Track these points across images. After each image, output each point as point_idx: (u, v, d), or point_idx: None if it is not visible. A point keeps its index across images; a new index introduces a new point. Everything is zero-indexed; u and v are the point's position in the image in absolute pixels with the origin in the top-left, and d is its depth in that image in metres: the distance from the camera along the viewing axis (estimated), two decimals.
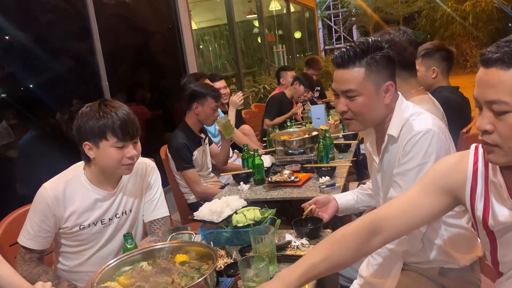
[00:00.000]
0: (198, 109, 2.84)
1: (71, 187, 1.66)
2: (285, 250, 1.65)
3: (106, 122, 1.56)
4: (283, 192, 2.41)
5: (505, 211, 1.04)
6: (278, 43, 9.48)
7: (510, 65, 0.91)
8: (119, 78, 4.28)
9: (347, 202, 1.86)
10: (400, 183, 1.46)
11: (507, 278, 1.13)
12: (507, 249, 1.10)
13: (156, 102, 4.82)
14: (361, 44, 1.46)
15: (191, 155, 2.80)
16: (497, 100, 0.93)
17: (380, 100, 1.48)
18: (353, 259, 1.18)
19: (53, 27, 3.58)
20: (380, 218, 1.17)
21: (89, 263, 1.74)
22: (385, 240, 1.18)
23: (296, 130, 3.36)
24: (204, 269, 1.29)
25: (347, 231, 1.19)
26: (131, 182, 1.79)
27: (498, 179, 1.04)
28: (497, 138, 0.96)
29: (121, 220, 1.76)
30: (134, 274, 1.30)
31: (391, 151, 1.53)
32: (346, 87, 1.47)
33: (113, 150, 1.59)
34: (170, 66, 5.34)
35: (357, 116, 1.50)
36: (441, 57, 2.64)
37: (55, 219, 1.64)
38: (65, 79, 3.61)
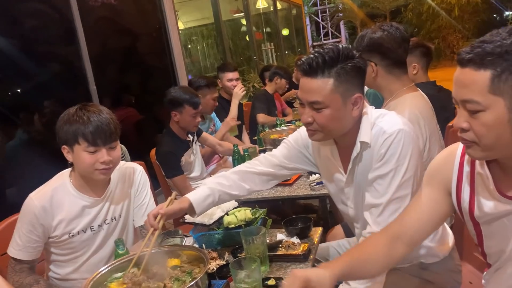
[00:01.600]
0: (177, 117, 2.77)
1: (58, 195, 1.66)
2: (277, 249, 1.66)
3: (78, 127, 1.56)
4: (274, 191, 2.42)
5: (491, 202, 1.06)
6: (266, 41, 9.47)
7: (481, 66, 0.93)
8: (107, 81, 4.25)
9: (207, 207, 1.59)
10: (377, 187, 1.42)
11: (495, 270, 1.15)
12: (493, 240, 1.12)
13: (145, 104, 4.80)
14: (330, 51, 1.36)
15: (179, 161, 2.78)
16: (470, 100, 0.96)
17: (348, 112, 1.40)
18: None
19: (38, 32, 3.55)
20: (401, 232, 1.21)
21: (81, 270, 1.73)
22: (412, 245, 1.22)
23: (285, 129, 3.38)
24: (196, 273, 1.30)
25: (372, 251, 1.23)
26: (119, 188, 1.78)
27: (484, 170, 1.06)
28: (473, 136, 0.98)
29: (111, 226, 1.75)
30: (125, 280, 1.30)
31: (365, 158, 1.46)
32: (313, 98, 1.38)
33: (86, 155, 1.58)
34: (158, 67, 5.31)
35: (323, 128, 1.41)
36: (420, 53, 2.69)
37: (44, 228, 1.63)
38: (52, 84, 3.58)
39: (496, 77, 0.91)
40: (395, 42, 1.83)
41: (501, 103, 0.93)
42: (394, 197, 1.39)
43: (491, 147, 0.97)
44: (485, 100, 0.93)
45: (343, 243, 1.89)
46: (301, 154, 1.66)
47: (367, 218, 1.44)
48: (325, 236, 2.15)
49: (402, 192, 1.39)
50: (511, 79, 0.91)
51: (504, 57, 0.90)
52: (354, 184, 1.52)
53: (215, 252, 1.72)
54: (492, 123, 0.94)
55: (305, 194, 2.35)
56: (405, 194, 1.40)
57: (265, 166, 1.66)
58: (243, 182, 1.64)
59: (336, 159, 1.54)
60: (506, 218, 1.05)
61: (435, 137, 1.89)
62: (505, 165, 1.04)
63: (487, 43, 0.93)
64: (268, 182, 1.69)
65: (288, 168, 1.67)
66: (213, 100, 3.37)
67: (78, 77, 3.83)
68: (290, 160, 1.66)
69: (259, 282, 1.35)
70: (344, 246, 1.87)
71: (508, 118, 0.93)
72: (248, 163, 1.70)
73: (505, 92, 0.92)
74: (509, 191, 1.04)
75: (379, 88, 1.93)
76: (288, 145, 1.68)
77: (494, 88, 0.92)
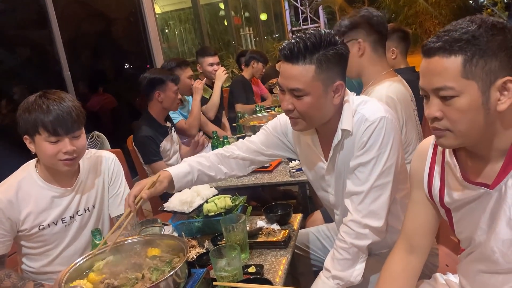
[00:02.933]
0: (161, 96, 2.77)
1: (24, 187, 1.60)
2: (257, 236, 1.66)
3: (37, 116, 1.49)
4: (253, 178, 2.42)
5: (458, 188, 1.10)
6: (245, 25, 9.37)
7: (451, 52, 0.96)
8: (82, 67, 4.14)
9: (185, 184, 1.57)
10: (359, 175, 1.41)
11: (467, 254, 1.18)
12: (462, 226, 1.16)
13: (121, 90, 4.70)
14: (312, 37, 1.32)
15: (158, 147, 2.74)
16: (443, 87, 0.98)
17: (329, 100, 1.38)
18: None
19: (7, 15, 3.41)
20: (409, 245, 1.27)
21: (55, 263, 1.68)
22: (423, 253, 1.27)
23: (265, 115, 3.36)
24: (176, 262, 1.28)
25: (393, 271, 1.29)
26: (91, 178, 1.73)
27: (452, 159, 1.10)
28: (447, 123, 1.01)
29: (84, 217, 1.70)
30: (104, 270, 1.28)
31: (346, 146, 1.45)
32: (293, 85, 1.35)
33: (47, 145, 1.52)
34: (134, 53, 5.21)
35: (303, 116, 1.39)
36: (398, 38, 2.70)
37: (11, 222, 1.57)
38: (24, 70, 3.46)
39: (468, 61, 0.95)
40: (380, 17, 1.87)
41: (474, 87, 0.95)
42: (375, 185, 1.39)
43: (465, 133, 1.00)
44: (458, 85, 0.96)
45: (322, 229, 1.90)
46: (280, 141, 1.65)
47: (348, 205, 1.45)
48: (304, 222, 2.16)
49: (383, 179, 1.40)
50: (481, 62, 0.94)
51: (472, 42, 0.94)
52: (335, 172, 1.52)
53: (194, 240, 1.71)
54: (467, 107, 0.97)
55: (285, 181, 2.35)
56: (386, 182, 1.40)
57: (243, 152, 1.64)
58: (221, 165, 1.62)
59: (317, 146, 1.53)
60: (474, 203, 1.09)
61: (411, 123, 1.91)
62: (472, 153, 1.07)
63: (453, 31, 0.96)
64: (246, 168, 1.67)
65: (266, 154, 1.66)
66: (188, 79, 3.35)
67: (51, 62, 3.72)
68: (268, 147, 1.65)
69: (239, 270, 1.34)
70: (324, 232, 1.88)
71: (482, 101, 0.96)
72: (226, 147, 1.68)
73: (477, 75, 0.95)
74: (474, 177, 1.07)
75: (361, 71, 1.93)
76: (266, 132, 1.66)
77: (467, 73, 0.95)
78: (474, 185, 1.06)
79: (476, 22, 0.96)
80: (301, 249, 1.85)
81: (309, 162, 1.60)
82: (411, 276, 1.26)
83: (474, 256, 1.15)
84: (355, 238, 1.41)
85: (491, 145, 1.03)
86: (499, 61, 0.94)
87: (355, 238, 1.41)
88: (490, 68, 0.94)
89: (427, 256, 1.27)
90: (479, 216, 1.08)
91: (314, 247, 1.87)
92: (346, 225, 1.43)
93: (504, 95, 0.96)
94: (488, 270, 1.12)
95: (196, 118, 3.28)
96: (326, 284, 1.42)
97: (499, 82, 0.95)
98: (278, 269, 1.46)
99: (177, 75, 2.91)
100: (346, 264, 1.41)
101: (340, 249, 1.42)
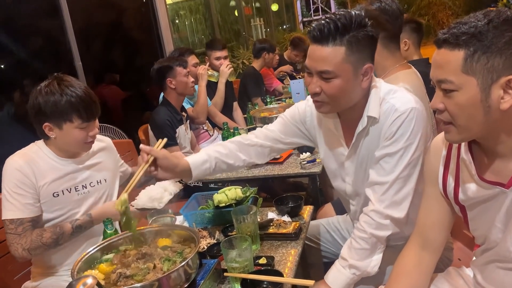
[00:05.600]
0: (173, 83, 2.80)
1: (37, 159, 1.63)
2: (268, 228, 1.65)
3: (70, 103, 1.54)
4: (264, 169, 2.41)
5: (473, 187, 1.08)
6: (256, 16, 9.30)
7: (455, 46, 0.95)
8: (93, 57, 4.14)
9: (203, 172, 1.55)
10: (384, 165, 1.38)
11: (482, 251, 1.17)
12: (477, 224, 1.14)
13: (132, 80, 4.70)
14: (343, 18, 1.28)
15: (174, 132, 2.76)
16: (444, 80, 0.97)
17: (358, 83, 1.35)
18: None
19: (20, 5, 3.42)
20: (423, 242, 1.26)
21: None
22: (437, 249, 1.26)
23: (276, 106, 3.35)
24: (187, 253, 1.28)
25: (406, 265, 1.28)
26: (100, 155, 1.81)
27: (468, 156, 1.08)
28: (448, 116, 1.01)
29: (97, 189, 1.76)
30: (115, 260, 1.28)
31: (372, 133, 1.42)
32: (322, 67, 1.31)
33: (77, 131, 1.59)
34: (145, 43, 5.19)
35: (331, 99, 1.36)
36: (411, 29, 2.65)
37: (31, 183, 1.59)
38: (36, 60, 3.48)
39: (469, 56, 0.93)
40: (392, 13, 1.80)
41: (473, 83, 0.94)
42: (400, 176, 1.37)
43: (466, 128, 0.99)
44: (458, 79, 0.95)
45: (333, 221, 1.89)
46: (298, 129, 1.64)
47: (370, 195, 1.43)
48: (315, 214, 2.15)
49: (409, 171, 1.37)
50: (483, 59, 0.93)
51: (478, 37, 0.92)
52: (355, 159, 1.49)
53: (205, 230, 1.71)
54: (465, 103, 0.96)
55: (296, 173, 2.34)
56: (412, 173, 1.38)
57: (261, 139, 1.64)
58: (240, 153, 1.61)
59: (338, 132, 1.51)
60: (489, 202, 1.07)
61: (426, 115, 1.88)
62: (485, 146, 1.05)
63: (463, 24, 0.95)
64: (265, 156, 1.66)
65: (285, 142, 1.65)
66: (193, 67, 3.36)
67: (62, 52, 3.73)
68: (287, 135, 1.64)
69: (250, 261, 1.34)
70: (334, 224, 1.87)
71: (481, 98, 0.95)
72: (245, 136, 1.68)
73: (477, 71, 0.94)
74: (490, 176, 1.05)
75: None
76: (284, 121, 1.65)
77: (467, 68, 0.94)
78: (490, 184, 1.04)
79: (488, 16, 0.93)
80: (312, 240, 1.85)
81: (329, 148, 1.58)
82: (424, 272, 1.24)
83: (490, 254, 1.13)
84: (375, 228, 1.39)
85: (505, 143, 1.01)
86: (504, 58, 0.92)
87: (375, 228, 1.39)
88: (493, 65, 0.92)
89: (441, 252, 1.25)
90: (494, 215, 1.06)
91: (324, 239, 1.86)
92: (367, 215, 1.41)
93: (508, 93, 0.94)
94: (505, 267, 1.10)
95: (203, 105, 3.28)
96: (342, 273, 1.41)
97: (503, 80, 0.93)
98: (288, 261, 1.46)
99: (184, 59, 2.95)
100: (364, 254, 1.40)
101: (358, 239, 1.41)
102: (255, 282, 1.29)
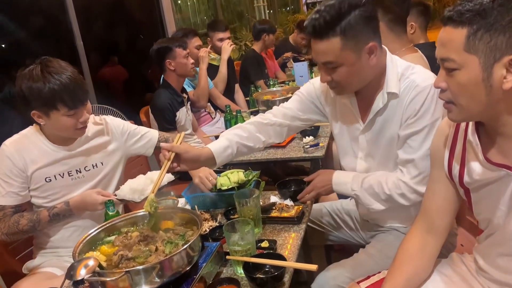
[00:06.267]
0: (172, 64, 2.76)
1: (30, 144, 1.62)
2: (270, 212, 1.65)
3: (53, 92, 1.48)
4: (267, 153, 2.40)
5: (479, 168, 1.07)
6: None
7: (459, 24, 0.93)
8: (94, 36, 4.09)
9: (226, 158, 1.55)
10: (411, 143, 1.40)
11: (486, 236, 1.16)
12: (481, 207, 1.13)
13: (134, 61, 4.65)
14: (331, 9, 1.29)
15: (174, 116, 2.74)
16: (447, 58, 0.96)
17: (365, 63, 1.36)
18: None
19: None
20: (428, 225, 1.24)
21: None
22: (441, 234, 1.24)
23: (279, 89, 3.32)
24: (189, 236, 1.27)
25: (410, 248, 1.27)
26: (96, 138, 1.77)
27: (474, 138, 1.06)
28: (450, 96, 1.00)
29: (93, 173, 1.74)
30: (117, 242, 1.28)
31: (390, 109, 1.43)
32: (324, 59, 1.36)
33: (66, 119, 1.55)
34: (147, 24, 5.13)
35: (342, 84, 1.40)
36: (418, 12, 2.59)
37: (19, 172, 1.59)
38: (36, 40, 3.43)
39: (472, 34, 0.92)
40: None
41: (475, 62, 0.93)
42: (428, 153, 1.36)
43: (467, 108, 0.98)
44: (460, 58, 0.94)
45: (336, 204, 1.89)
46: (314, 105, 1.65)
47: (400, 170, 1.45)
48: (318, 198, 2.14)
49: None
50: (486, 37, 0.91)
51: (482, 14, 0.90)
52: (370, 134, 1.51)
53: (207, 213, 1.70)
54: (466, 82, 0.95)
55: (299, 157, 2.33)
56: None
57: (280, 118, 1.65)
58: (259, 134, 1.62)
59: (354, 107, 1.52)
60: (493, 185, 1.06)
61: None
62: (490, 128, 1.04)
63: (468, 1, 0.93)
64: (282, 134, 1.68)
65: (302, 119, 1.67)
66: (196, 49, 3.31)
67: (63, 32, 3.68)
68: (304, 112, 1.66)
69: (253, 244, 1.33)
70: (337, 208, 1.86)
71: (482, 77, 0.93)
72: (262, 115, 1.68)
73: (479, 50, 0.92)
74: (496, 158, 1.04)
75: None
76: (300, 98, 1.67)
77: (469, 46, 0.92)
78: (496, 166, 1.03)
79: None
80: (314, 223, 1.85)
81: (343, 123, 1.59)
82: (428, 256, 1.24)
83: (494, 238, 1.12)
84: (399, 196, 1.43)
85: (509, 124, 0.99)
86: (508, 37, 0.89)
87: (399, 196, 1.43)
88: (496, 43, 0.90)
89: (446, 236, 1.24)
90: (499, 198, 1.05)
91: (327, 222, 1.86)
92: (398, 181, 1.44)
93: (511, 73, 0.91)
94: (508, 253, 1.09)
95: (204, 88, 3.25)
96: (347, 187, 1.53)
97: (506, 59, 0.90)
98: (291, 245, 1.45)
99: (184, 40, 2.89)
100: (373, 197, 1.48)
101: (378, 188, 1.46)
102: (257, 266, 1.28)
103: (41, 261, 1.71)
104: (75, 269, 1.09)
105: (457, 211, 1.25)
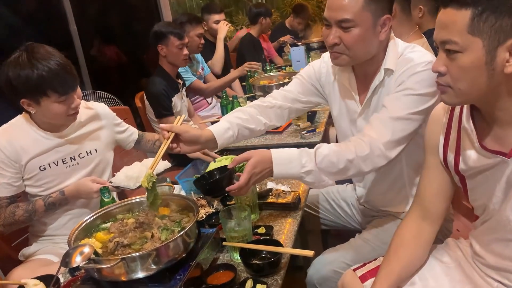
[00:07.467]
0: (163, 50, 2.73)
1: (21, 134, 1.61)
2: (267, 197, 1.64)
3: (42, 78, 1.46)
4: (263, 139, 2.39)
5: (474, 155, 1.06)
6: None
7: (462, 5, 0.91)
8: (88, 21, 4.02)
9: (227, 140, 1.50)
10: (387, 104, 1.33)
11: (481, 222, 1.16)
12: (476, 194, 1.13)
13: (129, 46, 4.59)
14: None
15: (170, 102, 2.71)
16: (449, 40, 0.94)
17: (376, 35, 1.33)
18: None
19: None
20: (423, 213, 1.24)
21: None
22: (437, 220, 1.23)
23: (276, 74, 3.29)
24: (185, 222, 1.27)
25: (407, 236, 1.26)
26: (89, 124, 1.76)
27: (469, 125, 1.05)
28: (449, 80, 0.98)
29: (87, 159, 1.73)
30: (112, 229, 1.27)
31: (386, 86, 1.40)
32: (342, 16, 1.30)
33: (56, 105, 1.53)
34: (142, 7, 5.05)
35: (350, 49, 1.34)
36: None
37: (11, 163, 1.58)
38: (29, 24, 3.37)
39: (477, 16, 0.90)
40: None
41: (479, 45, 0.91)
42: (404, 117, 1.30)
43: (466, 92, 0.97)
44: (463, 40, 0.92)
45: (332, 190, 1.88)
46: (314, 87, 1.64)
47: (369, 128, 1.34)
48: None
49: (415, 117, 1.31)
50: (491, 19, 0.89)
51: None
52: (368, 117, 1.46)
53: (203, 199, 1.70)
54: (469, 65, 0.93)
55: (295, 142, 2.32)
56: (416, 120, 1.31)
57: (280, 101, 1.64)
58: (260, 116, 1.60)
59: (353, 88, 1.50)
60: (489, 171, 1.05)
61: None
62: (485, 113, 1.03)
63: None
64: (283, 117, 1.66)
65: (302, 101, 1.66)
66: (197, 37, 3.27)
67: (56, 16, 3.62)
68: (305, 94, 1.65)
69: (249, 231, 1.33)
70: (333, 193, 1.86)
71: (485, 60, 0.92)
72: (262, 99, 1.67)
73: (484, 32, 0.90)
74: (491, 144, 1.03)
75: None
76: (301, 80, 1.66)
77: (474, 28, 0.91)
78: (491, 153, 1.02)
79: None
80: (311, 208, 1.85)
81: (342, 105, 1.58)
82: (423, 243, 1.24)
83: (489, 224, 1.12)
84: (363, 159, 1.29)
85: (506, 109, 0.98)
86: None
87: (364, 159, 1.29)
88: (501, 26, 0.88)
89: (441, 223, 1.25)
90: (495, 184, 1.05)
91: (323, 207, 1.86)
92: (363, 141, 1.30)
93: None
94: (504, 239, 1.09)
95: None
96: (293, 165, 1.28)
97: (510, 42, 0.89)
98: (287, 230, 1.45)
99: (183, 30, 2.83)
100: (329, 169, 1.29)
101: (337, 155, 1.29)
102: (253, 252, 1.29)
103: (37, 248, 1.70)
104: (70, 256, 1.08)
105: (452, 198, 1.25)
